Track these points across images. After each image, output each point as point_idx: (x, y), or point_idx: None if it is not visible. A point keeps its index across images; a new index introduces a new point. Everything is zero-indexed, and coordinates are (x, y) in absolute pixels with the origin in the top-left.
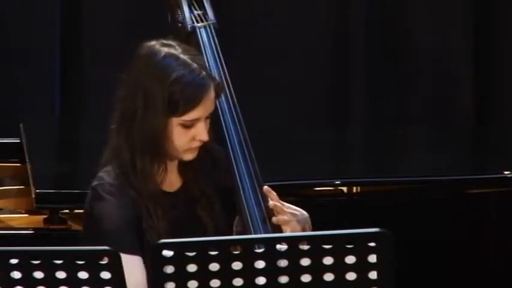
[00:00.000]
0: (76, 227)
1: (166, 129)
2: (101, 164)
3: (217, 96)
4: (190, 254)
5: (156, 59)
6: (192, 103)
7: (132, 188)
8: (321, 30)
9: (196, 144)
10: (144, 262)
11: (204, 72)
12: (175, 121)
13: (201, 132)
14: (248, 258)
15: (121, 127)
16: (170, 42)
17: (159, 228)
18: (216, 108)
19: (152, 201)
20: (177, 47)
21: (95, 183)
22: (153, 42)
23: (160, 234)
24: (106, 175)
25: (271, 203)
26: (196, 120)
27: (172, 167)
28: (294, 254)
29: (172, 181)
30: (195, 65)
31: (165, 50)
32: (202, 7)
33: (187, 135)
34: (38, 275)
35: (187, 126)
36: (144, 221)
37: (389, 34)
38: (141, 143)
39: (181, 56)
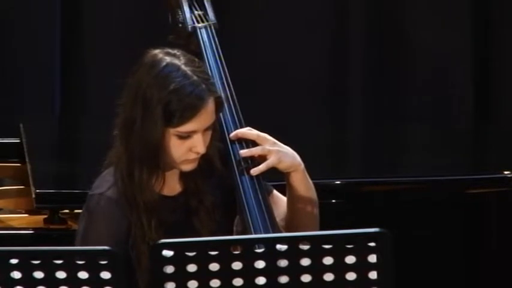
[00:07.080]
0: (76, 227)
1: (163, 139)
2: (104, 165)
3: (218, 110)
4: (190, 254)
5: (158, 68)
6: (187, 115)
7: (127, 198)
8: (320, 29)
9: (193, 156)
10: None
11: (203, 86)
12: (171, 131)
13: (198, 145)
14: (248, 258)
15: (122, 135)
16: (175, 51)
17: (150, 239)
18: None
19: (147, 212)
20: (181, 58)
21: (91, 191)
22: (157, 51)
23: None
24: (104, 183)
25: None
26: (193, 132)
27: (174, 172)
28: (294, 254)
29: (173, 186)
30: (195, 77)
31: (168, 59)
32: (202, 7)
33: (184, 147)
34: (38, 275)
35: (183, 137)
36: (132, 237)
37: (389, 34)
38: (140, 153)
39: (183, 67)
